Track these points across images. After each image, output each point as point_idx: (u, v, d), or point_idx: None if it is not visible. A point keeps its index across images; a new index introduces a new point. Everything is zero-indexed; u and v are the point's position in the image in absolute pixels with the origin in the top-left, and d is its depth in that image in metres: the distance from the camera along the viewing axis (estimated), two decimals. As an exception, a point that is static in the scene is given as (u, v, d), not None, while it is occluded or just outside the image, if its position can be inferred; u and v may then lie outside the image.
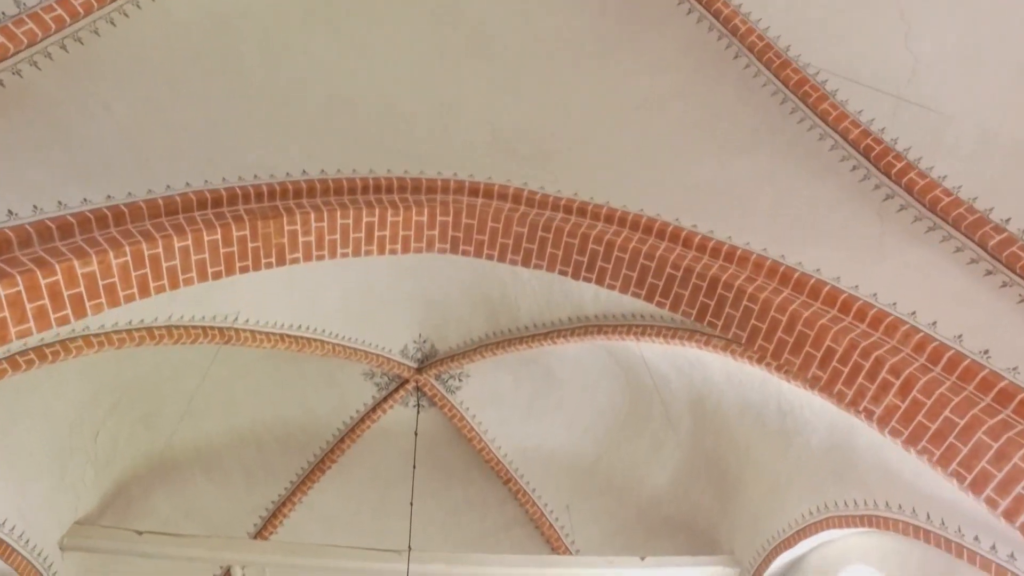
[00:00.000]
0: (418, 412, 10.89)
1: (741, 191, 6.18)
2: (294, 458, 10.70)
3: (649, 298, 5.85)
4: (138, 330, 7.06)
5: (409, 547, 8.59)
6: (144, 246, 4.93)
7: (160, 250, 5.02)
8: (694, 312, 5.71)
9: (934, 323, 4.92)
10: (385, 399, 10.68)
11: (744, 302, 5.42)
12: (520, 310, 9.42)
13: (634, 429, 10.59)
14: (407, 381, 10.57)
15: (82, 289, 4.69)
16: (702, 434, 9.68)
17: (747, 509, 9.13)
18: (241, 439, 10.38)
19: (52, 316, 4.61)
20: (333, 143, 6.15)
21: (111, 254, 4.77)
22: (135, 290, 5.02)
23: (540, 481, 11.03)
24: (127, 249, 4.85)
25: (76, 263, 4.61)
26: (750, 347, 5.46)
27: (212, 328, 7.84)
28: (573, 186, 6.25)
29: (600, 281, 5.95)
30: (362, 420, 10.70)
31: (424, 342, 10.37)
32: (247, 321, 8.22)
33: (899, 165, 5.69)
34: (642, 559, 9.15)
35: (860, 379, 4.91)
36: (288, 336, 8.84)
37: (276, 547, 8.63)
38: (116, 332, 6.85)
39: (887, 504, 6.83)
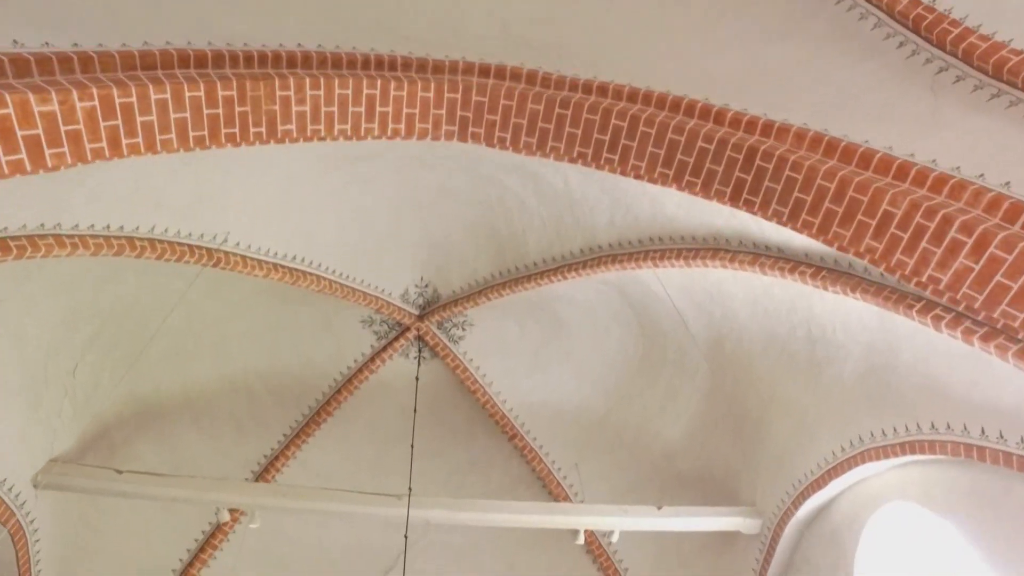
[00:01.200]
0: (419, 363, 10.25)
1: (777, 77, 5.62)
2: (288, 410, 10.04)
3: (678, 179, 5.23)
4: (118, 238, 6.43)
5: (409, 490, 7.93)
6: (115, 91, 4.31)
7: (134, 99, 4.40)
8: (728, 191, 5.09)
9: (1007, 183, 4.33)
10: (384, 348, 10.04)
11: (786, 172, 4.80)
12: (528, 245, 8.80)
13: (647, 379, 9.95)
14: (408, 329, 9.93)
15: (40, 132, 4.05)
16: (721, 378, 9.05)
17: (771, 454, 8.48)
18: (232, 387, 9.73)
19: (3, 159, 4.00)
20: (333, 19, 5.56)
21: (75, 94, 4.14)
22: (104, 145, 4.38)
23: (547, 437, 10.37)
24: (95, 92, 4.23)
25: (32, 98, 3.98)
26: (793, 222, 4.85)
27: (199, 248, 7.21)
28: (593, 69, 5.66)
29: (624, 162, 5.33)
30: (360, 370, 10.05)
31: (426, 286, 9.75)
32: (237, 245, 7.59)
33: (955, 31, 5.12)
34: (658, 508, 8.49)
35: (923, 243, 4.29)
36: (282, 267, 8.21)
37: (269, 490, 7.96)
38: (93, 236, 6.22)
39: (932, 425, 6.20)
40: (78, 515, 8.25)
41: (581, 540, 8.41)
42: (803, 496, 8.00)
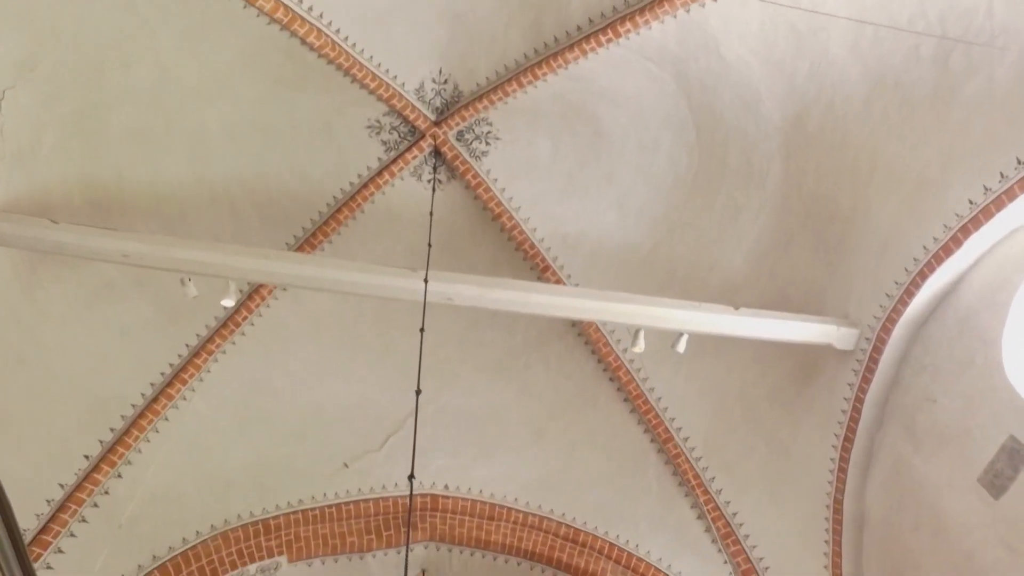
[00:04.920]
0: (434, 188, 8.43)
1: None
2: (277, 232, 8.12)
3: None
4: None
5: (425, 280, 6.08)
6: None
7: None
8: None
9: None
10: (394, 160, 8.23)
11: None
12: (572, 3, 7.13)
13: (702, 200, 8.19)
14: (423, 137, 8.13)
15: None
16: (799, 174, 7.31)
17: (869, 249, 6.66)
18: (212, 197, 7.86)
19: None
20: None
21: None
22: None
23: (584, 274, 8.49)
24: None
25: None
26: None
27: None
28: None
29: None
30: (365, 186, 8.19)
31: (444, 82, 8.00)
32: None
33: None
34: (736, 309, 6.68)
35: None
36: (286, 6, 6.54)
37: (249, 252, 6.07)
38: None
39: None
40: (10, 314, 6.33)
41: (640, 346, 6.57)
42: (915, 285, 6.22)
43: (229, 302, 6.29)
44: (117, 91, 6.81)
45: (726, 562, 7.71)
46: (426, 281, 5.96)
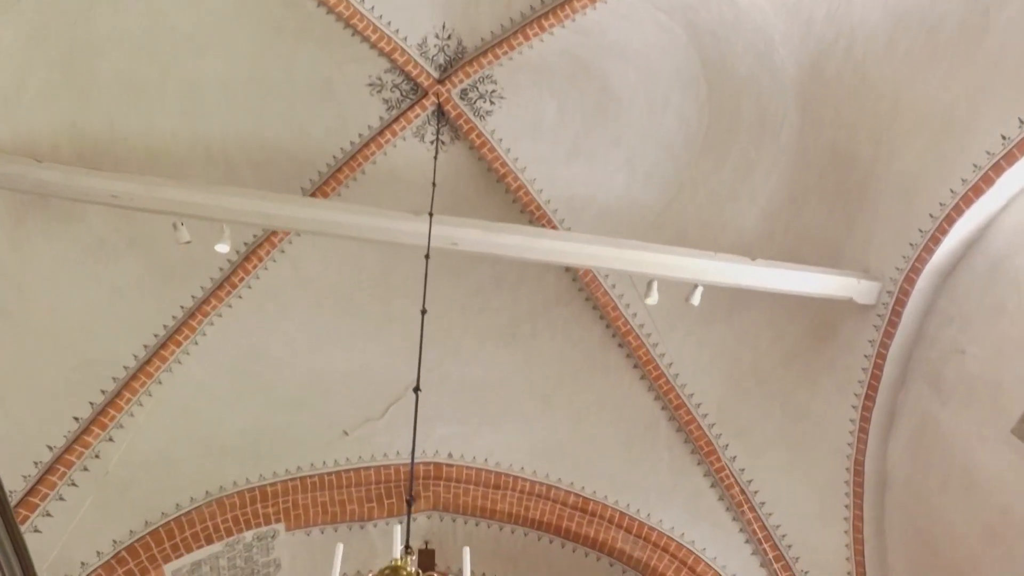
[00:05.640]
0: (437, 149, 8.11)
1: None
2: (275, 191, 7.83)
3: None
4: None
5: (431, 213, 5.78)
6: None
7: None
8: None
9: None
10: (396, 119, 7.93)
11: None
12: (583, -58, 6.85)
13: (714, 158, 7.88)
14: (425, 95, 7.83)
15: None
16: (816, 125, 7.01)
17: (890, 197, 6.36)
18: (207, 155, 7.54)
19: None
20: None
21: None
22: None
23: (591, 238, 8.22)
24: None
25: None
26: None
27: None
28: None
29: None
30: (366, 145, 7.88)
31: (448, 38, 7.70)
32: None
33: None
34: (752, 260, 6.38)
35: None
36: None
37: (256, 195, 5.72)
38: None
39: None
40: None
41: (654, 297, 6.26)
42: (941, 231, 5.91)
43: (224, 248, 5.98)
44: (107, 35, 6.51)
45: (741, 530, 7.38)
46: (431, 215, 5.63)
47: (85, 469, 6.64)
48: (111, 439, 6.82)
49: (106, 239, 7.05)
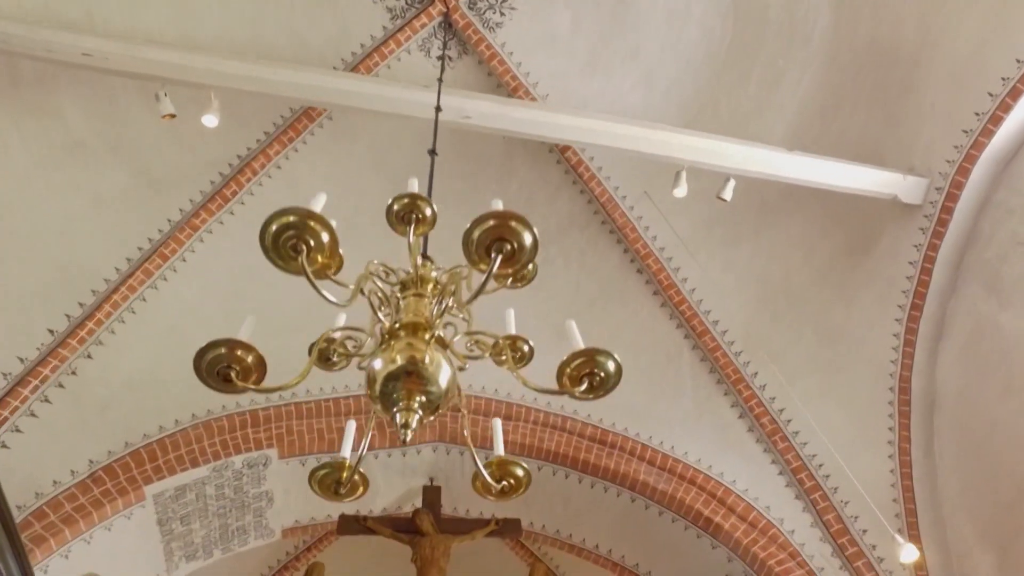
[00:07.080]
0: (443, 65, 7.50)
1: None
2: (273, 102, 7.24)
3: None
4: None
5: (439, 80, 5.20)
6: None
7: None
8: None
9: None
10: (401, 29, 7.36)
11: None
12: None
13: (738, 71, 7.29)
14: (432, 3, 7.27)
15: None
16: (852, 22, 6.45)
17: (938, 86, 5.80)
18: (199, 61, 7.00)
19: None
20: None
21: None
22: None
23: (607, 159, 7.62)
24: None
25: None
26: None
27: None
28: None
29: None
30: (368, 56, 7.29)
31: (456, -62, 7.18)
32: None
33: None
34: (788, 150, 5.78)
35: None
36: None
37: (251, 59, 5.14)
38: None
39: None
40: None
41: (683, 189, 5.66)
42: (1003, 109, 5.32)
43: (212, 121, 5.38)
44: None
45: (774, 461, 6.74)
46: (440, 80, 5.08)
47: (60, 386, 6.02)
48: (89, 356, 6.21)
49: (86, 142, 6.44)
